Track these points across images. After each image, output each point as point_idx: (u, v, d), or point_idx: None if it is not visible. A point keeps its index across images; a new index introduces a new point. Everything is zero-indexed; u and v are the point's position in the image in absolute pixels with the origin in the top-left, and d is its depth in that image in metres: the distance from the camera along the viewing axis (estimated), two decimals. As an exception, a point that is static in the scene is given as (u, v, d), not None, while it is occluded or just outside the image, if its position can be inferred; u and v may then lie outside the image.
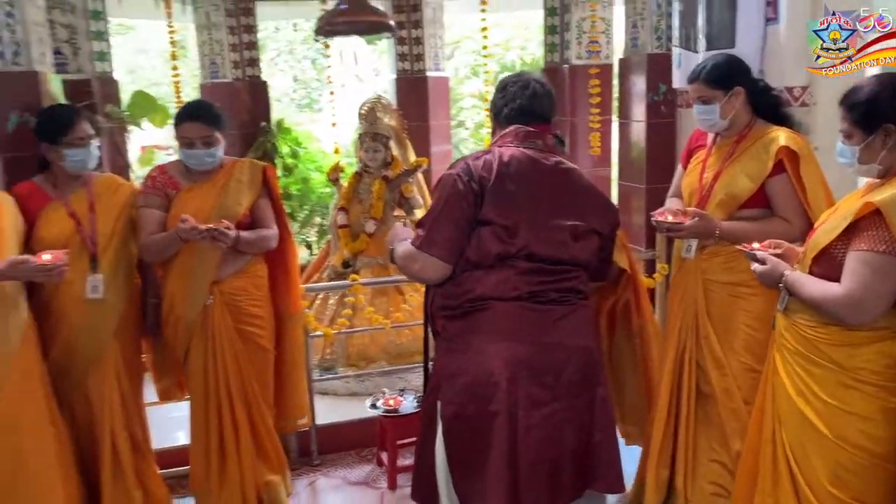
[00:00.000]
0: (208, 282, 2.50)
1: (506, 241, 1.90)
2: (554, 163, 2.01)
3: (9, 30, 2.72)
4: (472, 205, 1.90)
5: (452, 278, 1.95)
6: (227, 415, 2.56)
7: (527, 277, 1.91)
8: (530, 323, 1.91)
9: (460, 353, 1.95)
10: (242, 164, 2.63)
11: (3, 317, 2.14)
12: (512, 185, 1.92)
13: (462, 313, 1.95)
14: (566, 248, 1.95)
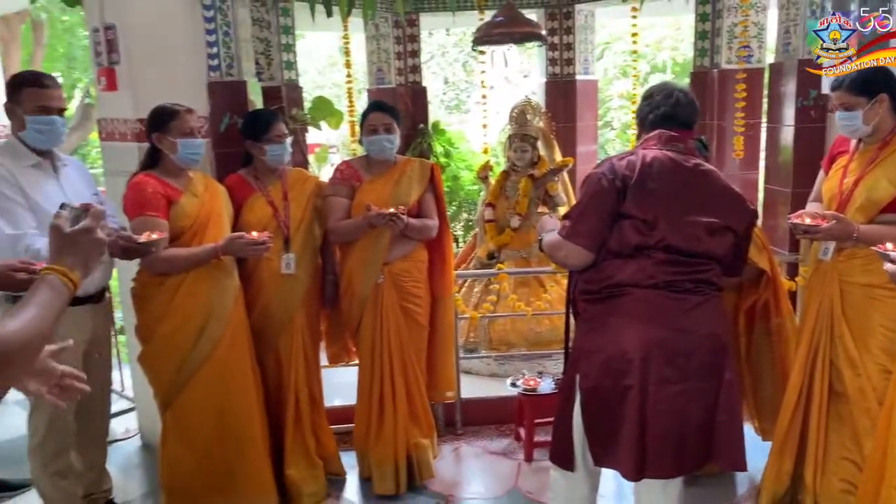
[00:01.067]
0: (380, 262, 2.89)
1: (645, 233, 2.08)
2: (693, 164, 2.17)
3: (225, 46, 3.27)
4: (614, 200, 2.10)
5: (594, 265, 2.17)
6: (388, 380, 2.94)
7: (664, 267, 2.09)
8: (665, 309, 2.09)
9: (598, 332, 2.17)
10: (414, 162, 3.03)
11: (222, 283, 2.64)
12: (653, 183, 2.09)
13: (602, 297, 2.16)
14: (701, 243, 2.11)
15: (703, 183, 2.16)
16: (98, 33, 3.12)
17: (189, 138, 2.59)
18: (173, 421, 2.66)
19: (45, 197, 2.33)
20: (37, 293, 1.23)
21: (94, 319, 2.52)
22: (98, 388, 2.62)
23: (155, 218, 2.50)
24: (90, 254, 1.34)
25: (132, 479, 3.23)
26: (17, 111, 2.34)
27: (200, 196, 2.66)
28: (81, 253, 1.32)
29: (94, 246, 1.35)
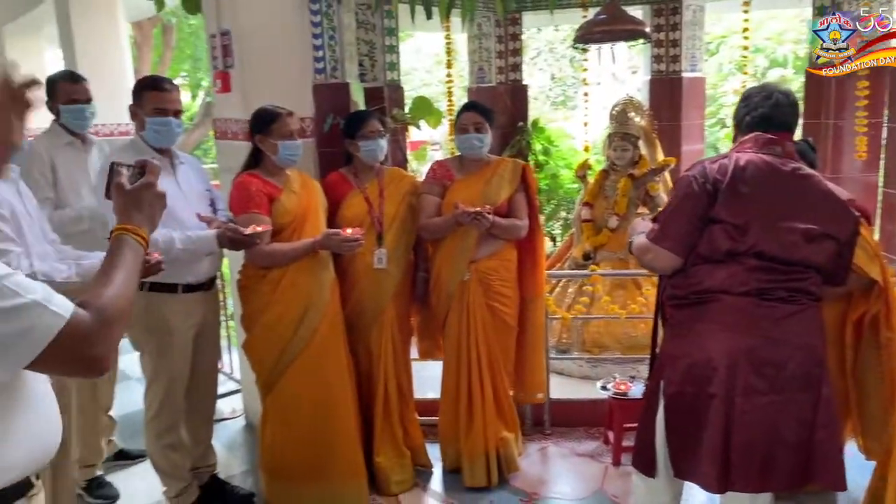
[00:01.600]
0: (467, 260, 2.95)
1: (736, 238, 2.03)
2: (791, 169, 2.09)
3: (331, 50, 3.42)
4: (704, 204, 2.06)
5: (683, 270, 2.13)
6: (475, 374, 2.99)
7: (756, 274, 2.02)
8: (755, 317, 2.02)
9: (684, 338, 2.13)
10: (507, 162, 3.06)
11: (319, 276, 2.78)
12: (745, 187, 2.04)
13: (689, 303, 2.12)
14: (797, 250, 2.03)
15: (802, 188, 2.08)
16: (215, 38, 3.35)
17: (289, 140, 2.74)
18: (273, 405, 2.83)
19: None
20: (120, 255, 1.25)
21: (205, 306, 2.72)
22: (207, 369, 2.84)
23: (258, 215, 2.67)
24: (154, 209, 1.37)
25: (235, 457, 3.45)
26: (139, 113, 2.56)
27: (298, 193, 2.81)
28: (146, 209, 1.35)
29: (157, 200, 1.38)
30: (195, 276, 2.62)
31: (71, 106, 2.98)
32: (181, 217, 2.55)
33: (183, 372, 2.68)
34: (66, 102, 2.98)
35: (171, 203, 2.49)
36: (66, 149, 2.99)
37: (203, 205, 2.68)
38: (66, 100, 2.98)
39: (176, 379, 2.66)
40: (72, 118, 3.00)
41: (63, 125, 3.04)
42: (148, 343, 2.61)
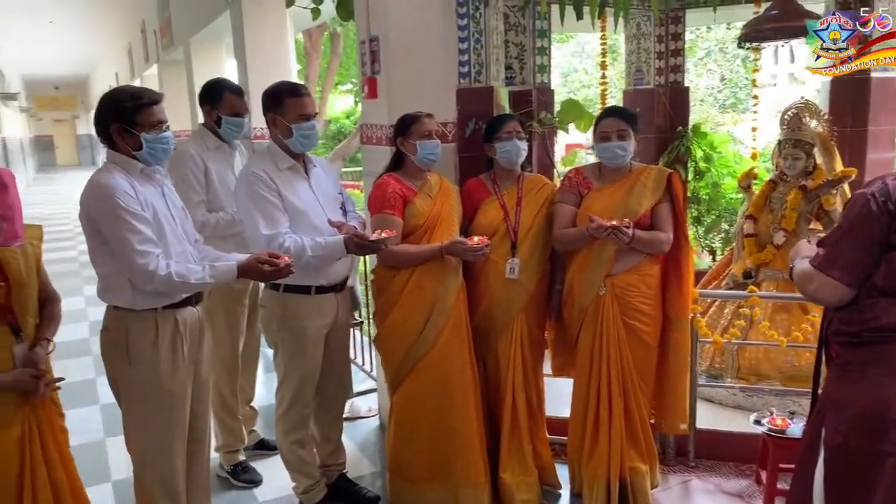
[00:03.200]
0: (603, 274, 2.78)
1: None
2: None
3: (476, 53, 3.38)
4: (884, 227, 1.76)
5: (855, 303, 1.83)
6: (605, 395, 2.81)
7: None
8: None
9: (854, 382, 1.83)
10: (650, 170, 2.84)
11: (446, 279, 2.75)
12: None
13: (862, 342, 1.82)
14: None
15: None
16: (364, 45, 3.41)
17: (427, 140, 2.73)
18: (398, 404, 2.84)
19: (298, 197, 2.62)
20: None
21: (336, 306, 2.77)
22: (338, 368, 2.89)
23: (391, 216, 2.68)
24: None
25: (367, 456, 3.50)
26: (280, 120, 2.63)
27: (434, 197, 2.79)
28: None
29: None
30: (327, 278, 2.67)
31: (234, 118, 3.05)
32: (315, 222, 2.61)
33: (314, 370, 2.74)
34: (230, 114, 3.05)
35: (305, 208, 2.61)
36: (216, 153, 3.08)
37: (335, 209, 2.74)
38: (229, 111, 3.04)
39: (307, 377, 2.73)
40: (232, 129, 3.07)
41: (212, 129, 3.10)
42: (283, 341, 2.70)
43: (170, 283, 2.16)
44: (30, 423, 2.07)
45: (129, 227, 2.13)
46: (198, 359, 2.40)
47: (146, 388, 2.26)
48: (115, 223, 2.13)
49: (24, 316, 2.10)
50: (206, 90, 3.08)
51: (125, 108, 2.20)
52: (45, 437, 2.10)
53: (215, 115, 3.06)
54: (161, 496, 2.32)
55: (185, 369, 2.32)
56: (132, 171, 2.24)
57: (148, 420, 2.29)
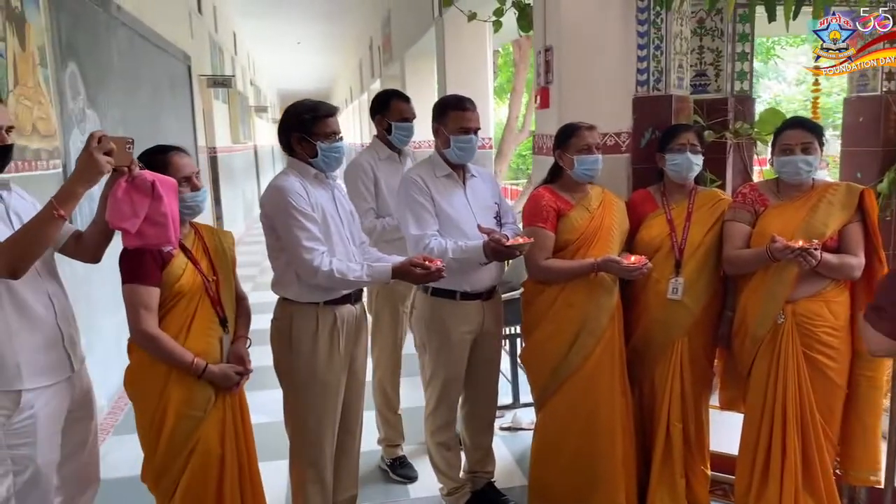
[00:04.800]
0: (781, 300, 2.50)
1: None
2: None
3: (655, 60, 3.22)
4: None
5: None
6: (779, 435, 2.53)
7: None
8: None
9: None
10: (839, 185, 2.53)
11: (599, 299, 2.65)
12: None
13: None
14: None
15: None
16: (540, 55, 3.41)
17: (585, 154, 2.66)
18: (544, 423, 2.79)
19: (450, 203, 2.69)
20: None
21: (482, 314, 2.78)
22: (485, 376, 2.91)
23: (542, 229, 2.66)
24: None
25: (522, 469, 3.47)
26: (442, 131, 2.72)
27: (593, 211, 2.70)
28: None
29: None
30: (472, 285, 2.71)
31: (402, 123, 3.22)
32: (465, 228, 2.66)
33: (458, 374, 2.79)
34: (398, 120, 3.22)
35: (456, 214, 2.68)
36: (386, 162, 3.24)
37: (488, 217, 2.76)
38: (398, 118, 3.22)
39: (451, 380, 2.78)
40: (401, 135, 3.24)
41: (384, 140, 3.27)
42: (430, 342, 2.78)
43: (331, 278, 2.34)
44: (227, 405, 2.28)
45: (298, 224, 2.34)
46: (354, 353, 2.56)
47: (303, 376, 2.45)
48: (286, 220, 2.35)
49: (230, 310, 2.33)
50: (375, 101, 3.29)
51: (304, 119, 2.42)
52: (237, 419, 2.32)
53: (386, 123, 3.23)
54: (310, 478, 2.51)
55: (340, 362, 2.48)
56: (306, 176, 2.46)
57: (303, 405, 2.49)
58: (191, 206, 2.24)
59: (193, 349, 2.17)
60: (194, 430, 2.18)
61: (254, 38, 13.98)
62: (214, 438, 2.22)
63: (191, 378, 2.17)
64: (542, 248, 2.64)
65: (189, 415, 2.17)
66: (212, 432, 2.21)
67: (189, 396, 2.17)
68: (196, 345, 2.18)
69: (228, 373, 2.23)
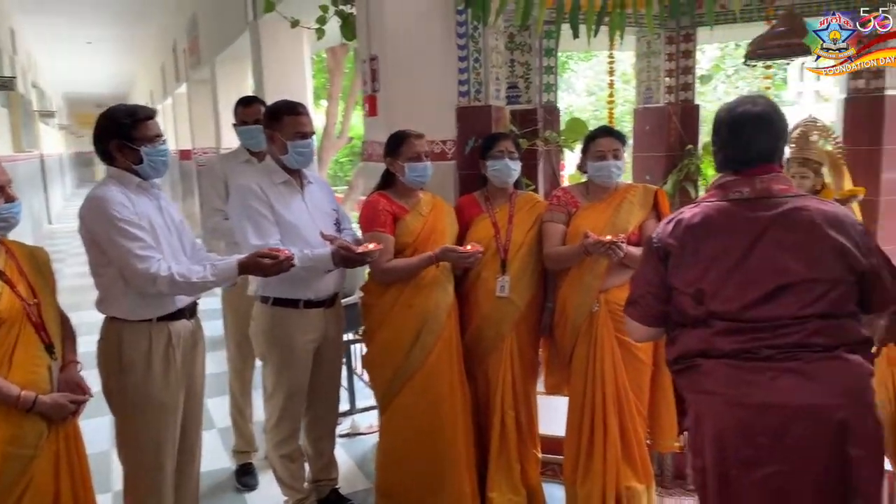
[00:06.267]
0: (595, 290, 2.77)
1: (695, 305, 1.80)
2: (760, 212, 1.77)
3: (475, 72, 3.41)
4: (661, 270, 1.87)
5: (669, 334, 1.94)
6: (599, 414, 2.78)
7: (728, 337, 1.76)
8: (737, 382, 1.75)
9: (690, 406, 1.91)
10: (637, 187, 2.85)
11: (437, 298, 2.76)
12: (698, 247, 1.81)
13: (678, 370, 1.91)
14: (772, 306, 1.73)
15: (778, 232, 1.76)
16: (365, 64, 3.47)
17: (415, 162, 2.77)
18: (387, 424, 2.85)
19: (290, 211, 2.66)
20: None
21: (325, 322, 2.79)
22: (327, 384, 2.91)
23: (382, 233, 2.71)
24: None
25: (364, 473, 3.50)
26: (277, 136, 2.68)
27: (425, 215, 2.81)
28: None
29: None
30: (315, 293, 2.70)
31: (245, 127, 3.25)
32: (306, 236, 2.65)
33: (302, 385, 2.77)
34: (240, 124, 3.26)
35: (297, 222, 2.65)
36: (244, 166, 3.23)
37: (328, 224, 2.77)
38: (240, 122, 3.26)
39: (294, 392, 2.75)
40: (247, 138, 3.26)
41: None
42: (271, 355, 2.73)
43: (173, 283, 2.22)
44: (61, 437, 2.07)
45: (126, 234, 2.20)
46: (191, 372, 2.44)
47: (137, 398, 2.30)
48: (111, 233, 2.20)
49: (55, 334, 2.12)
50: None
51: (123, 124, 2.27)
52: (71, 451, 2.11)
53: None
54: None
55: (177, 381, 2.36)
56: (129, 185, 2.31)
57: (138, 430, 2.33)
58: (5, 218, 2.02)
59: (19, 382, 1.96)
60: (24, 470, 1.96)
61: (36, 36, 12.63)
62: (49, 473, 2.02)
63: (18, 414, 1.95)
64: (385, 252, 2.70)
65: (17, 454, 1.95)
66: (46, 467, 2.01)
67: (17, 434, 1.95)
68: (21, 377, 1.97)
69: (61, 402, 2.04)
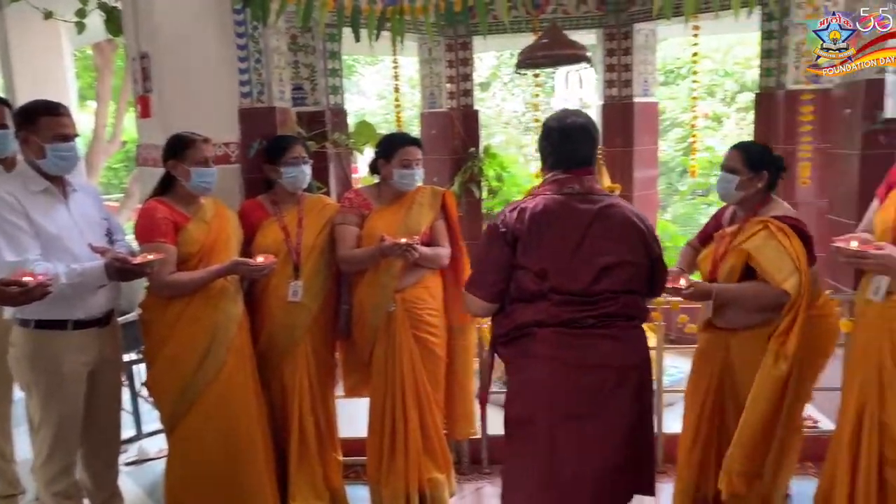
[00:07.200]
0: (392, 290, 2.82)
1: (538, 282, 2.09)
2: (588, 205, 2.13)
3: (257, 73, 3.31)
4: (507, 253, 2.13)
5: (503, 310, 2.20)
6: (400, 412, 2.84)
7: (563, 308, 2.08)
8: (567, 346, 2.08)
9: (513, 373, 2.24)
10: (426, 189, 2.94)
11: (225, 310, 2.64)
12: (542, 232, 2.09)
13: (511, 339, 2.18)
14: (598, 283, 2.08)
15: (600, 222, 2.13)
16: (135, 62, 3.23)
17: (202, 167, 2.63)
18: (178, 446, 2.67)
19: (52, 222, 2.38)
20: None
21: (100, 342, 2.54)
22: (106, 410, 2.65)
23: (164, 244, 2.54)
24: None
25: (154, 501, 3.26)
26: (33, 139, 2.39)
27: (209, 222, 2.68)
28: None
29: None
30: (86, 311, 2.45)
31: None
32: (73, 248, 2.39)
33: (74, 413, 2.49)
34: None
35: (61, 233, 2.38)
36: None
37: (98, 235, 2.53)
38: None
39: (66, 421, 2.46)
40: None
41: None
42: (36, 384, 2.43)
43: None
44: None
45: None
46: None
47: None
48: None
49: None
50: None
51: None
52: None
53: None
54: None
55: None
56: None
57: None
58: None
59: None
60: None
61: None
62: None
63: None
64: (167, 264, 2.52)
65: None
66: None
67: None
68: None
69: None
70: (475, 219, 5.16)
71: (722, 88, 11.60)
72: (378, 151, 2.95)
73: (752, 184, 2.50)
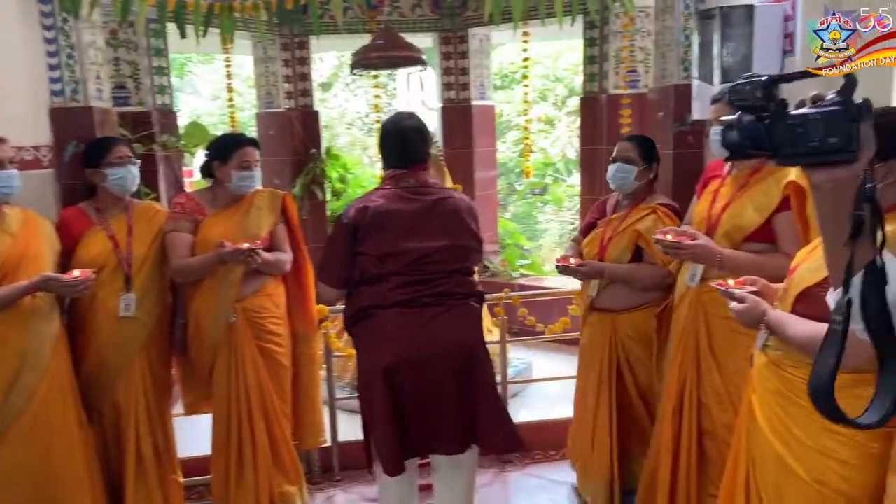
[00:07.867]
0: (231, 300, 2.68)
1: (379, 266, 2.35)
2: (421, 198, 2.41)
3: (69, 70, 3.02)
4: (351, 242, 2.38)
5: (350, 294, 2.45)
6: (247, 426, 2.72)
7: (401, 289, 2.34)
8: (406, 323, 2.33)
9: (362, 351, 2.45)
10: (264, 192, 2.83)
11: (37, 331, 2.38)
12: (381, 223, 2.34)
13: (357, 320, 2.42)
14: (431, 265, 2.36)
15: (433, 212, 2.40)
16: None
17: None
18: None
19: None
20: None
21: None
22: None
23: None
24: None
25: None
26: None
27: (15, 234, 2.40)
28: None
29: None
30: None
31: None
32: None
33: None
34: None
35: None
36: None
37: None
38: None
39: None
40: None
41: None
42: None
43: None
44: None
45: None
46: None
47: None
48: None
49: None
50: None
51: None
52: None
53: None
54: None
55: None
56: None
57: None
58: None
59: None
60: None
61: None
62: None
63: None
64: None
65: None
66: None
67: None
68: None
69: None
70: (319, 221, 5.09)
71: (553, 93, 12.24)
72: (212, 153, 2.79)
73: (646, 174, 2.76)
